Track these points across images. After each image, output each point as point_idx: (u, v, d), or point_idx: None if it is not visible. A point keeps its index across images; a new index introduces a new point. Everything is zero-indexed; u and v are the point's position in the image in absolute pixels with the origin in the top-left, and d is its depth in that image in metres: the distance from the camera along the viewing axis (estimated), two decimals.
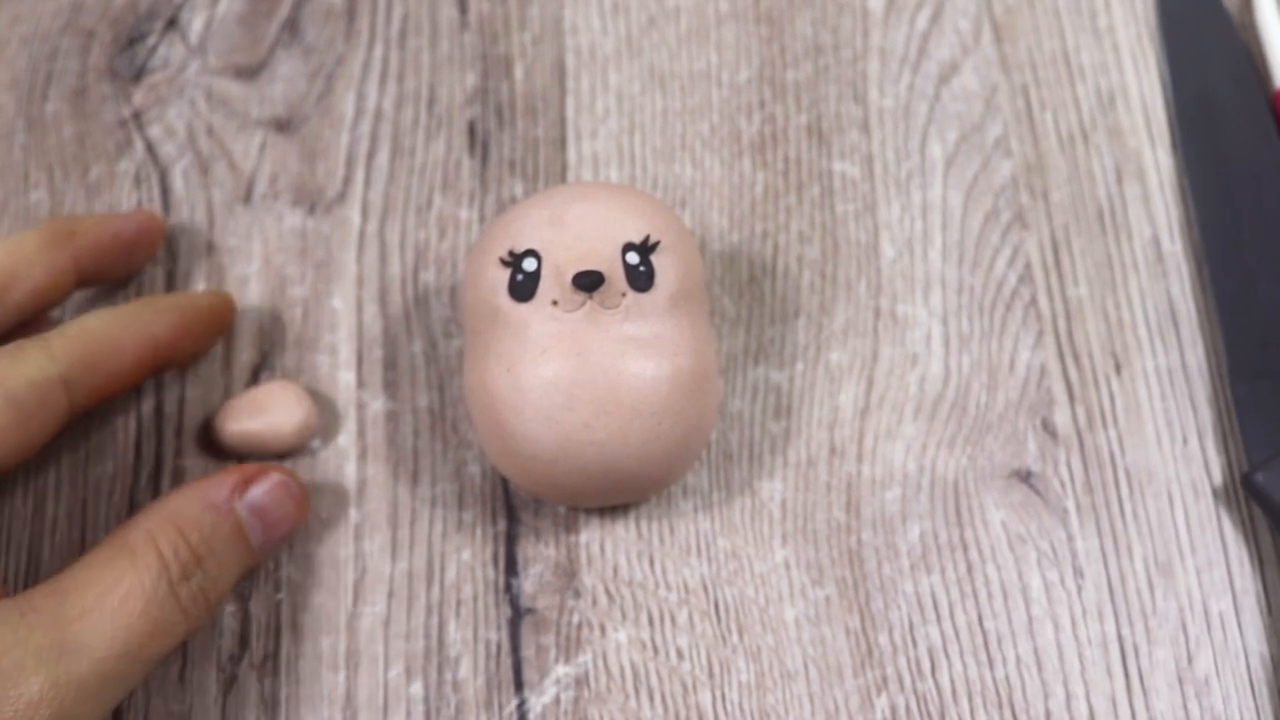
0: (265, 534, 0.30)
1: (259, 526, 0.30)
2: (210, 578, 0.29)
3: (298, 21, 0.39)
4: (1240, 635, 0.32)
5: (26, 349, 0.30)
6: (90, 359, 0.31)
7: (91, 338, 0.31)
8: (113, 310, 0.32)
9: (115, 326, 0.31)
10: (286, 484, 0.31)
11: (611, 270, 0.29)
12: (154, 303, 0.33)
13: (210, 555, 0.29)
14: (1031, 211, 0.37)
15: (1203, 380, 0.35)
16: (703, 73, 0.39)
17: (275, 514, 0.30)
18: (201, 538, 0.29)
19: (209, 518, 0.29)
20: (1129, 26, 0.39)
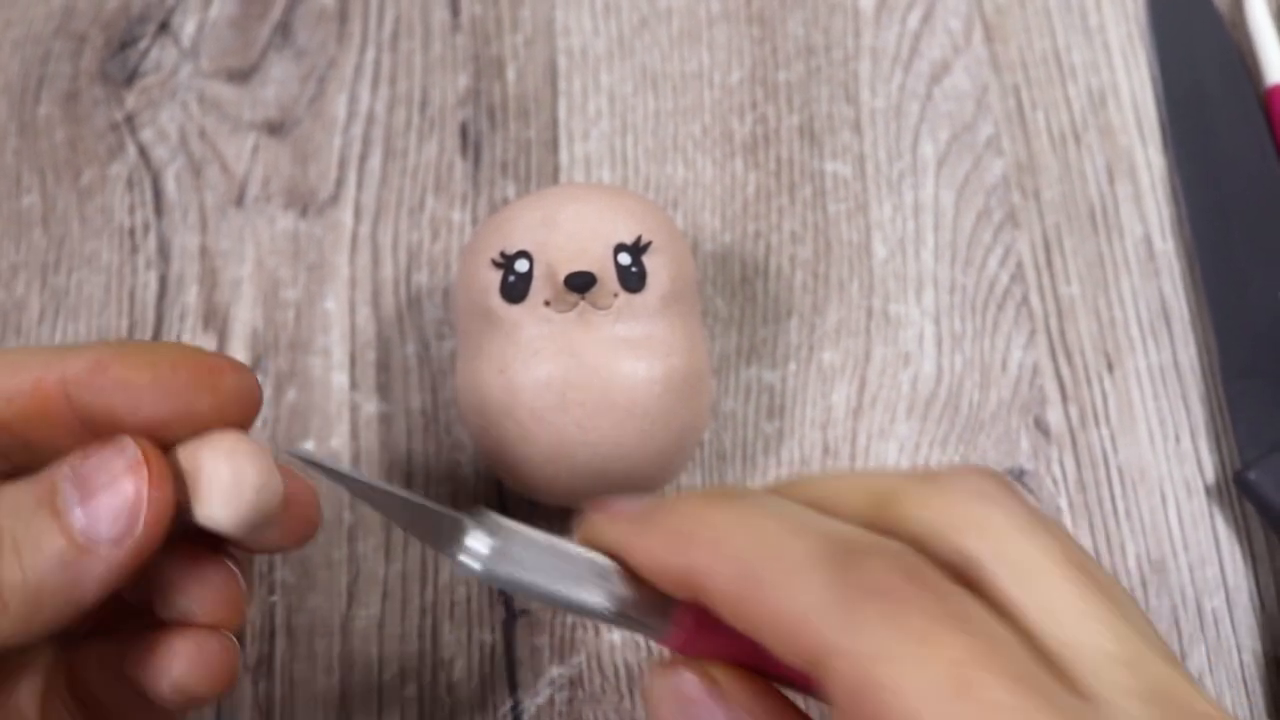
0: (85, 509, 0.22)
1: (75, 497, 0.22)
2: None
3: (289, 24, 0.39)
4: (1233, 632, 0.32)
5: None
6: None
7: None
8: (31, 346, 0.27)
9: (21, 350, 0.24)
10: (120, 442, 0.22)
11: (603, 271, 0.29)
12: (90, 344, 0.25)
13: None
14: (1023, 210, 0.37)
15: (1195, 378, 0.35)
16: (694, 73, 0.39)
17: (99, 482, 0.22)
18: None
19: (18, 486, 0.22)
20: (1119, 25, 0.39)
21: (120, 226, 0.37)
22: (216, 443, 0.23)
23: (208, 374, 0.23)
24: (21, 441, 0.23)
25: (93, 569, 0.22)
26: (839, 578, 0.19)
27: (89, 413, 0.23)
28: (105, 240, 0.37)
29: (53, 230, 0.37)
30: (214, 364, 0.23)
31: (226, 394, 0.23)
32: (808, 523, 0.20)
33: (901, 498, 0.21)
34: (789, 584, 0.19)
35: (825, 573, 0.19)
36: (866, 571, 0.19)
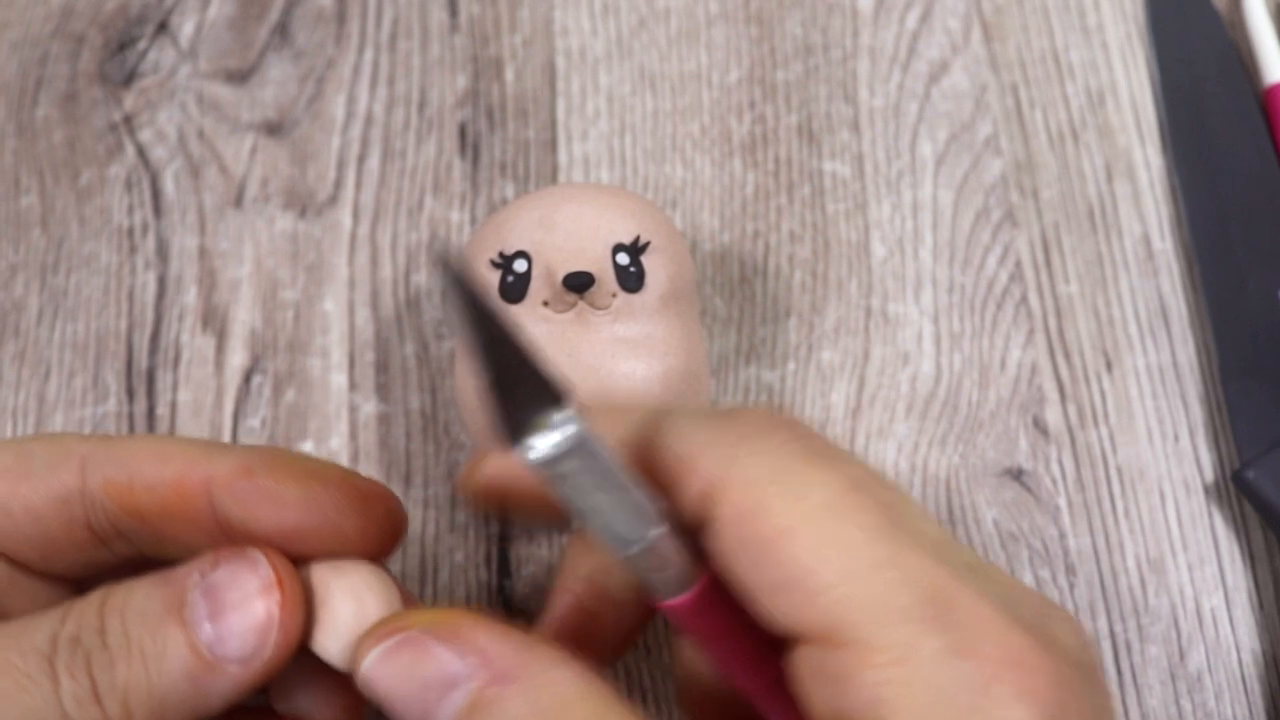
0: (214, 624, 0.21)
1: (205, 610, 0.21)
2: (109, 652, 0.21)
3: (288, 25, 0.39)
4: (1232, 632, 0.32)
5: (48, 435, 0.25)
6: (123, 457, 0.23)
7: (134, 440, 0.24)
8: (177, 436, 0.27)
9: (168, 441, 0.24)
10: (254, 560, 0.22)
11: (602, 271, 0.29)
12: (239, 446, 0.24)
13: (118, 624, 0.21)
14: (1022, 210, 0.37)
15: (1193, 377, 0.35)
16: (693, 74, 0.39)
17: (230, 598, 0.21)
18: (119, 601, 0.21)
19: (144, 588, 0.22)
20: (1118, 25, 0.39)
21: (119, 227, 0.37)
22: (348, 575, 0.22)
23: (360, 499, 0.23)
24: (153, 533, 0.23)
25: (218, 685, 0.21)
26: (720, 423, 0.21)
27: (228, 517, 0.22)
28: (104, 241, 0.37)
29: (51, 231, 0.37)
30: (368, 490, 0.23)
31: (375, 523, 0.23)
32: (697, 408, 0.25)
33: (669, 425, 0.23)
34: (681, 430, 0.21)
35: (708, 422, 0.21)
36: (744, 416, 0.21)
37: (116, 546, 0.24)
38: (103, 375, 0.35)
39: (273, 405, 0.34)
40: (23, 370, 0.35)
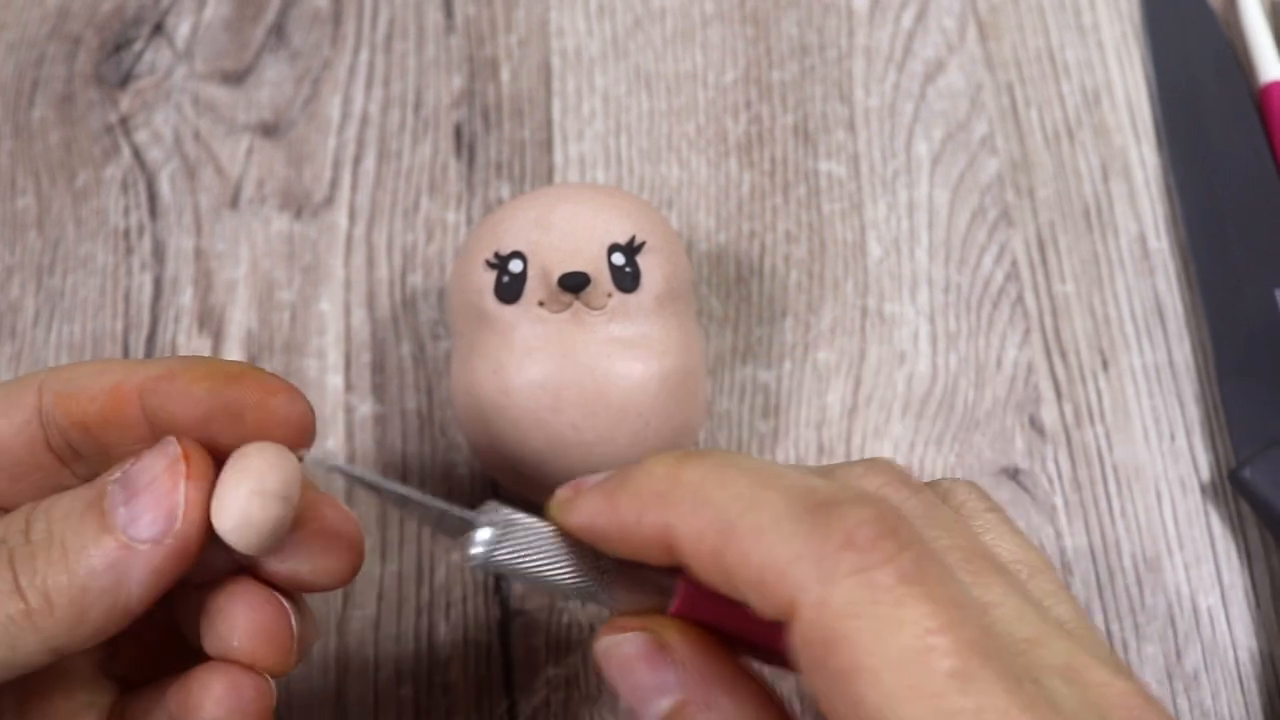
0: (128, 506, 0.22)
1: (121, 497, 0.22)
2: (30, 547, 0.22)
3: (284, 26, 0.39)
4: (1228, 630, 0.32)
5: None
6: (72, 375, 0.24)
7: (83, 362, 0.25)
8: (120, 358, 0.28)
9: (111, 360, 0.26)
10: (165, 443, 0.23)
11: (597, 271, 0.29)
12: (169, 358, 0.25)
13: (43, 524, 0.22)
14: (1017, 209, 0.37)
15: (1189, 376, 0.35)
16: (689, 74, 0.39)
17: (141, 480, 0.22)
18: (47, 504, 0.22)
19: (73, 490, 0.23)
20: (1113, 24, 0.39)
21: (115, 228, 0.37)
22: (238, 454, 0.23)
23: (259, 389, 0.23)
24: (98, 444, 0.24)
25: (135, 568, 0.22)
26: (815, 529, 0.19)
27: (157, 419, 0.23)
28: (100, 242, 0.37)
29: (48, 232, 0.37)
30: (269, 383, 0.24)
31: (274, 413, 0.23)
32: (781, 476, 0.21)
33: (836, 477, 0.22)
34: (766, 535, 0.20)
35: (801, 524, 0.19)
36: (842, 523, 0.19)
37: (76, 468, 0.24)
38: None
39: None
40: (19, 372, 0.35)
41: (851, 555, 0.19)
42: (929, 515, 0.21)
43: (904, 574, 0.19)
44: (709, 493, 0.21)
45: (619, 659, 0.22)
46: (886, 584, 0.18)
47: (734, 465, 0.21)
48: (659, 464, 0.22)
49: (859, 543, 0.19)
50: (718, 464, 0.21)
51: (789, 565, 0.19)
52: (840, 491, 0.20)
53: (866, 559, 0.19)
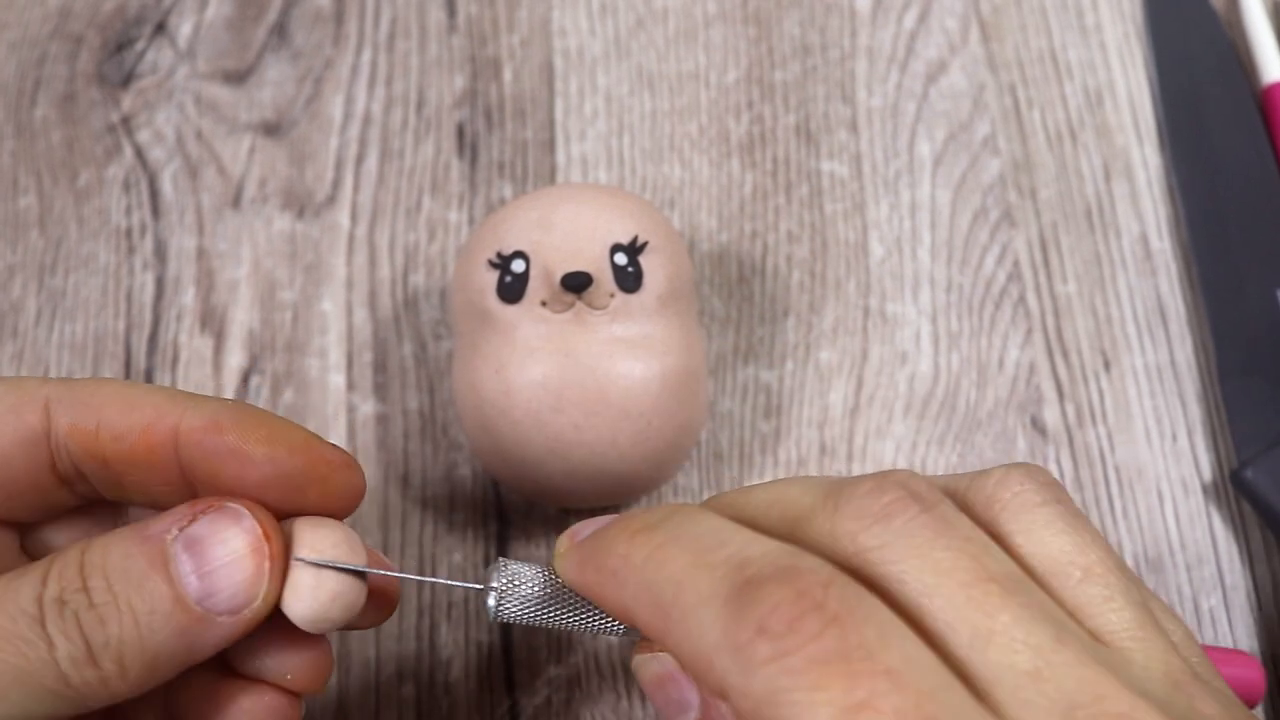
0: (201, 579, 0.22)
1: (190, 565, 0.22)
2: (97, 611, 0.21)
3: (286, 26, 0.39)
4: (1230, 631, 0.32)
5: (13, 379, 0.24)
6: (90, 403, 0.23)
7: (100, 385, 0.24)
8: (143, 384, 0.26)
9: (136, 388, 0.24)
10: (237, 514, 0.22)
11: (599, 271, 0.29)
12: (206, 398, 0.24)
13: (102, 583, 0.21)
14: (1020, 209, 0.37)
15: (1191, 377, 0.35)
16: (691, 74, 0.39)
17: (217, 554, 0.22)
18: (99, 559, 0.21)
19: (121, 544, 0.22)
20: (1116, 25, 0.39)
21: (117, 228, 0.37)
22: (318, 534, 0.23)
23: (323, 466, 0.23)
24: (116, 478, 0.23)
25: (208, 636, 0.22)
26: (733, 616, 0.19)
27: (194, 470, 0.23)
28: (102, 242, 0.37)
29: (50, 232, 0.37)
30: (330, 458, 0.23)
31: (334, 488, 0.23)
32: (719, 550, 0.20)
33: (810, 518, 0.21)
34: (690, 623, 0.19)
35: (722, 610, 0.19)
36: (756, 609, 0.18)
37: (78, 488, 0.24)
38: (101, 376, 0.35)
39: (271, 406, 0.34)
40: (21, 371, 0.35)
41: (766, 642, 0.18)
42: (938, 534, 0.20)
43: (821, 654, 0.18)
44: (650, 575, 0.20)
45: (650, 677, 0.23)
46: (801, 668, 0.18)
47: (677, 542, 0.20)
48: (617, 539, 0.21)
49: (774, 628, 0.18)
50: (662, 542, 0.21)
51: (712, 655, 0.19)
52: (770, 565, 0.19)
53: (780, 645, 0.18)
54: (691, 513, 0.21)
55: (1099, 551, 0.21)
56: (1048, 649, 0.19)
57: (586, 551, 0.22)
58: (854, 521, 0.20)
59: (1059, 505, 0.22)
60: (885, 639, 0.18)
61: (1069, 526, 0.22)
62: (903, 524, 0.20)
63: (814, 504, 0.21)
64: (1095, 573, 0.21)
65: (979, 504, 0.22)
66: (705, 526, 0.21)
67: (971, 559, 0.20)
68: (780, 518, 0.21)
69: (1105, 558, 0.21)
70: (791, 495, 0.22)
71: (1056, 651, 0.19)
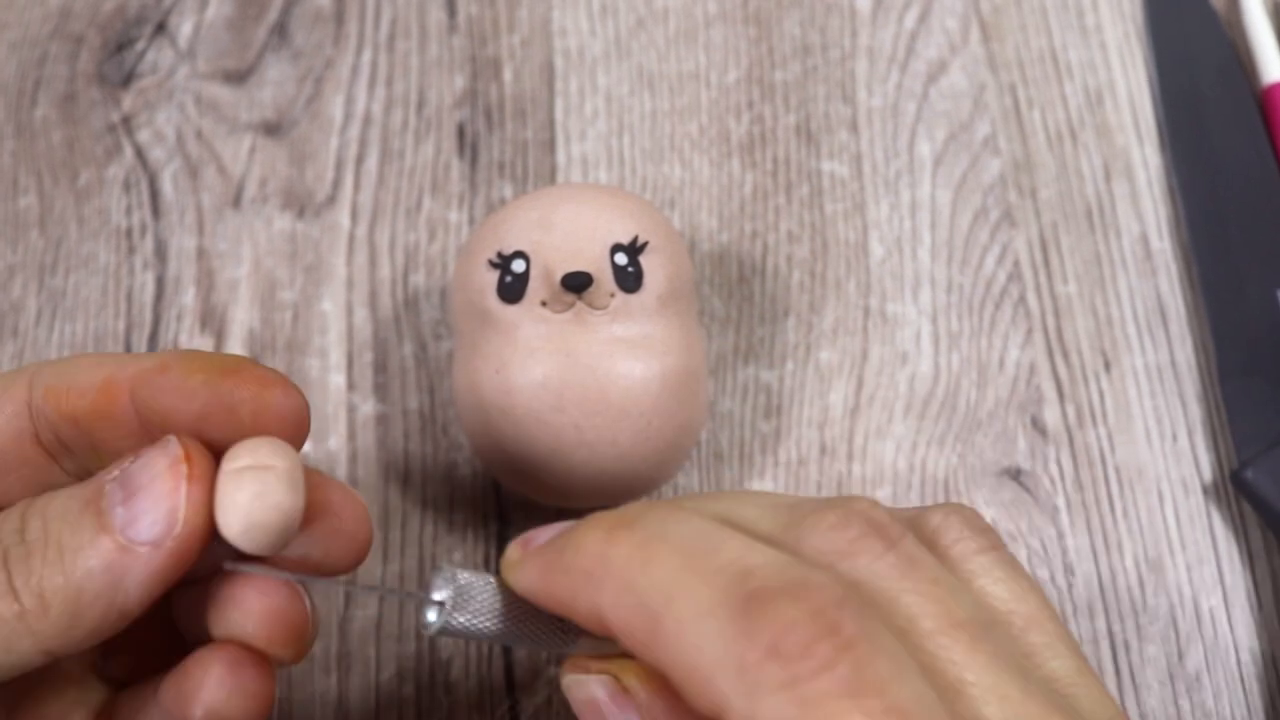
0: (126, 506, 0.21)
1: (119, 496, 0.21)
2: (26, 546, 0.21)
3: (286, 26, 0.39)
4: (1230, 631, 0.32)
5: None
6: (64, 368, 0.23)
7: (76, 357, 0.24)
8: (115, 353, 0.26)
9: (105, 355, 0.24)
10: (165, 442, 0.22)
11: (600, 271, 0.29)
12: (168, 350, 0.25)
13: (38, 523, 0.21)
14: (1020, 209, 0.37)
15: (1192, 377, 0.35)
16: (691, 74, 0.39)
17: (140, 480, 0.21)
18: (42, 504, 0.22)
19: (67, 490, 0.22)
20: (1116, 25, 0.39)
21: (117, 228, 0.37)
22: (237, 451, 0.22)
23: (255, 383, 0.23)
24: (88, 439, 0.23)
25: (133, 571, 0.21)
26: (740, 631, 0.17)
27: (148, 413, 0.23)
28: (102, 242, 0.37)
29: (50, 232, 0.37)
30: (264, 377, 0.23)
31: (271, 407, 0.23)
32: (715, 555, 0.19)
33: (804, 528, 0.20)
34: (688, 634, 0.18)
35: (727, 623, 0.17)
36: (770, 626, 0.17)
37: (65, 463, 0.24)
38: None
39: None
40: None
41: (779, 666, 0.17)
42: (904, 575, 0.19)
43: (839, 685, 0.17)
44: (634, 577, 0.19)
45: (585, 699, 0.22)
46: (817, 699, 0.17)
47: (665, 541, 0.19)
48: (591, 537, 0.20)
49: (787, 650, 0.17)
50: (646, 540, 0.19)
51: (713, 672, 0.17)
52: (776, 577, 0.18)
53: (796, 670, 0.17)
54: (672, 510, 0.20)
55: (1036, 599, 0.21)
56: (1016, 700, 0.18)
57: (551, 555, 0.21)
58: (819, 558, 0.19)
59: (994, 552, 0.22)
60: (898, 673, 0.17)
61: (1006, 575, 0.21)
62: (868, 563, 0.19)
63: (772, 530, 0.20)
64: (1035, 620, 0.21)
65: (926, 543, 0.21)
66: (693, 526, 0.20)
67: (937, 603, 0.19)
68: (773, 522, 0.21)
69: (1042, 605, 0.21)
70: (748, 515, 0.21)
71: (1023, 703, 0.18)
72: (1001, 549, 0.22)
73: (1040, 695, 0.18)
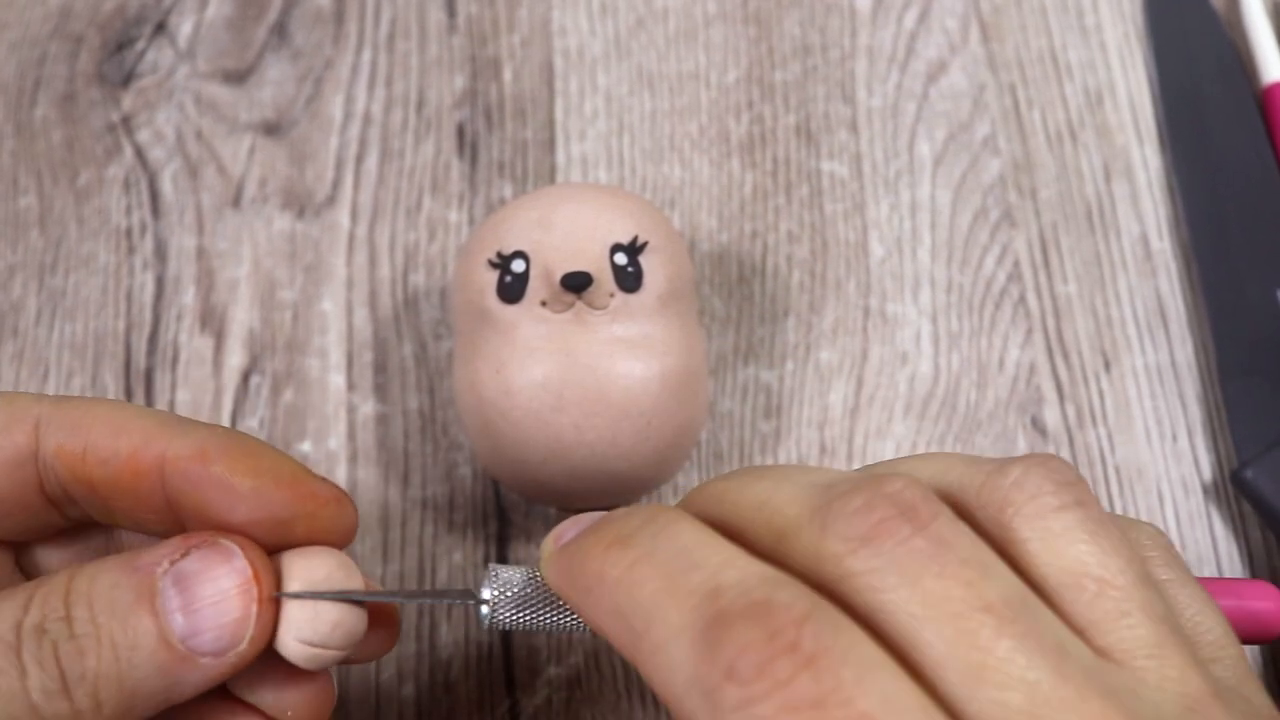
0: (187, 617, 0.21)
1: (177, 601, 0.21)
2: (78, 642, 0.20)
3: (286, 25, 0.39)
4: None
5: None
6: (79, 424, 0.22)
7: (91, 407, 0.23)
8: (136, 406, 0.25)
9: (126, 411, 0.23)
10: (228, 552, 0.21)
11: (599, 271, 0.29)
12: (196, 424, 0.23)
13: (85, 613, 0.21)
14: (1020, 210, 0.37)
15: (1192, 377, 0.35)
16: (691, 74, 0.39)
17: (205, 592, 0.21)
18: (85, 587, 0.21)
19: (110, 574, 0.21)
20: (1116, 25, 0.39)
21: (117, 227, 0.37)
22: (301, 569, 0.22)
23: (309, 500, 0.22)
24: (103, 503, 0.23)
25: (190, 677, 0.21)
26: (703, 654, 0.18)
27: (180, 500, 0.22)
28: (102, 241, 0.37)
29: (50, 231, 0.37)
30: (319, 492, 0.22)
31: (324, 524, 0.23)
32: (692, 573, 0.19)
33: (795, 534, 0.20)
34: (662, 657, 0.18)
35: (693, 648, 0.18)
36: (725, 651, 0.17)
37: (68, 510, 0.23)
38: (101, 375, 0.35)
39: (271, 405, 0.34)
40: (21, 370, 0.35)
41: (735, 688, 0.17)
42: (931, 559, 0.19)
43: (793, 703, 0.17)
44: (621, 600, 0.19)
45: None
46: (770, 716, 0.17)
47: (649, 562, 0.19)
48: (591, 553, 0.20)
49: (742, 673, 0.17)
50: (635, 562, 0.20)
51: (683, 694, 0.18)
52: (740, 599, 0.18)
53: (749, 691, 0.17)
54: (669, 522, 0.20)
55: (1119, 561, 0.19)
56: (1046, 684, 0.18)
57: (564, 562, 0.21)
58: (840, 543, 0.19)
59: (1079, 509, 0.20)
60: (863, 679, 0.17)
61: (1089, 534, 0.20)
62: (892, 547, 0.19)
63: (800, 517, 0.20)
64: (1113, 585, 0.19)
65: (992, 505, 0.20)
66: (681, 542, 0.20)
67: (965, 586, 0.18)
68: (767, 526, 0.20)
69: (1125, 568, 0.19)
70: (780, 502, 0.21)
71: (1056, 687, 0.17)
72: (1089, 504, 0.20)
73: (1079, 677, 0.18)
